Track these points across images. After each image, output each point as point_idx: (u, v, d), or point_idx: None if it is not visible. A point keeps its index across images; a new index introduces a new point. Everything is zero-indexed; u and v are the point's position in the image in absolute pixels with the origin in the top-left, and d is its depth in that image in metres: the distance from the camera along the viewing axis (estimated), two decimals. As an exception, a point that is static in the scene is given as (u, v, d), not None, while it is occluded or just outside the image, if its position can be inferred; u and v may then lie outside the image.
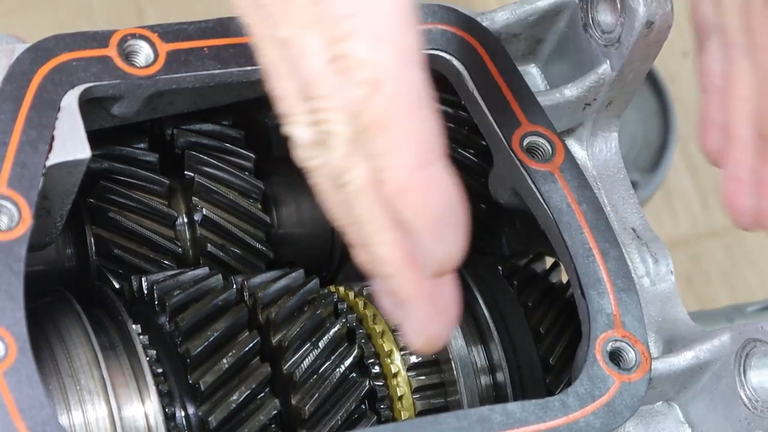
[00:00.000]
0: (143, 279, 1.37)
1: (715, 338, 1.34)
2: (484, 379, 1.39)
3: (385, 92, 1.04)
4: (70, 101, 1.23)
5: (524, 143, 1.37)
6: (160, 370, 1.32)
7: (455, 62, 1.39)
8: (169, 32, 1.29)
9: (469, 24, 1.40)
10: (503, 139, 1.37)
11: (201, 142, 1.50)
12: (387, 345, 1.39)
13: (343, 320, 1.38)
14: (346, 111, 1.05)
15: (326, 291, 1.43)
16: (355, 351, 1.37)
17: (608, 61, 1.42)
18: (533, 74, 1.51)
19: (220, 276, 1.37)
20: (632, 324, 1.32)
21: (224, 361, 1.30)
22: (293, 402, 1.32)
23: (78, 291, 1.37)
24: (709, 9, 1.40)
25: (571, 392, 1.27)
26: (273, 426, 1.32)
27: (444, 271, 1.11)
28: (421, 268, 1.10)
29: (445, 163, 1.07)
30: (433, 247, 1.08)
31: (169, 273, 1.38)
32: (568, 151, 1.38)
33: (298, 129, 1.08)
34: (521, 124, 1.38)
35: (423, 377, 1.38)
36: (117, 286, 1.44)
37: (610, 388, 1.28)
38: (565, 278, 1.43)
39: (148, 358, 1.30)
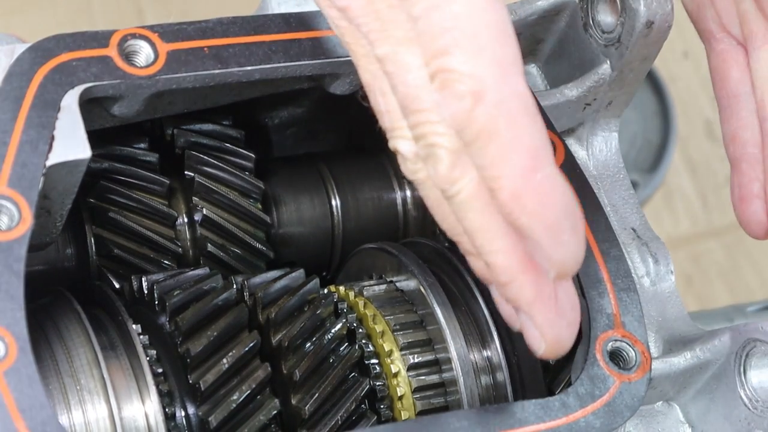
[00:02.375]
0: (143, 279, 1.37)
1: (715, 338, 1.34)
2: (484, 379, 1.39)
3: (488, 102, 1.05)
4: (70, 101, 1.23)
5: (524, 143, 1.37)
6: (160, 370, 1.31)
7: (455, 62, 1.38)
8: (169, 32, 1.29)
9: (469, 24, 1.39)
10: (503, 139, 1.37)
11: (201, 142, 1.50)
12: (387, 345, 1.39)
13: (344, 320, 1.38)
14: (450, 124, 1.07)
15: (326, 291, 1.43)
16: (356, 351, 1.37)
17: (608, 61, 1.42)
18: (533, 74, 1.51)
19: (220, 276, 1.37)
20: (632, 324, 1.32)
21: (224, 361, 1.30)
22: (293, 402, 1.32)
23: (78, 291, 1.37)
24: (738, 75, 1.41)
25: (571, 392, 1.27)
26: (273, 426, 1.32)
27: (566, 274, 1.11)
28: (538, 272, 1.11)
29: (555, 166, 1.09)
30: (553, 251, 1.09)
31: (169, 273, 1.38)
32: (568, 151, 1.38)
33: (402, 143, 1.11)
34: (521, 124, 1.38)
35: (423, 377, 1.38)
36: (117, 286, 1.44)
37: (611, 388, 1.28)
38: (565, 278, 1.43)
39: (148, 358, 1.30)
